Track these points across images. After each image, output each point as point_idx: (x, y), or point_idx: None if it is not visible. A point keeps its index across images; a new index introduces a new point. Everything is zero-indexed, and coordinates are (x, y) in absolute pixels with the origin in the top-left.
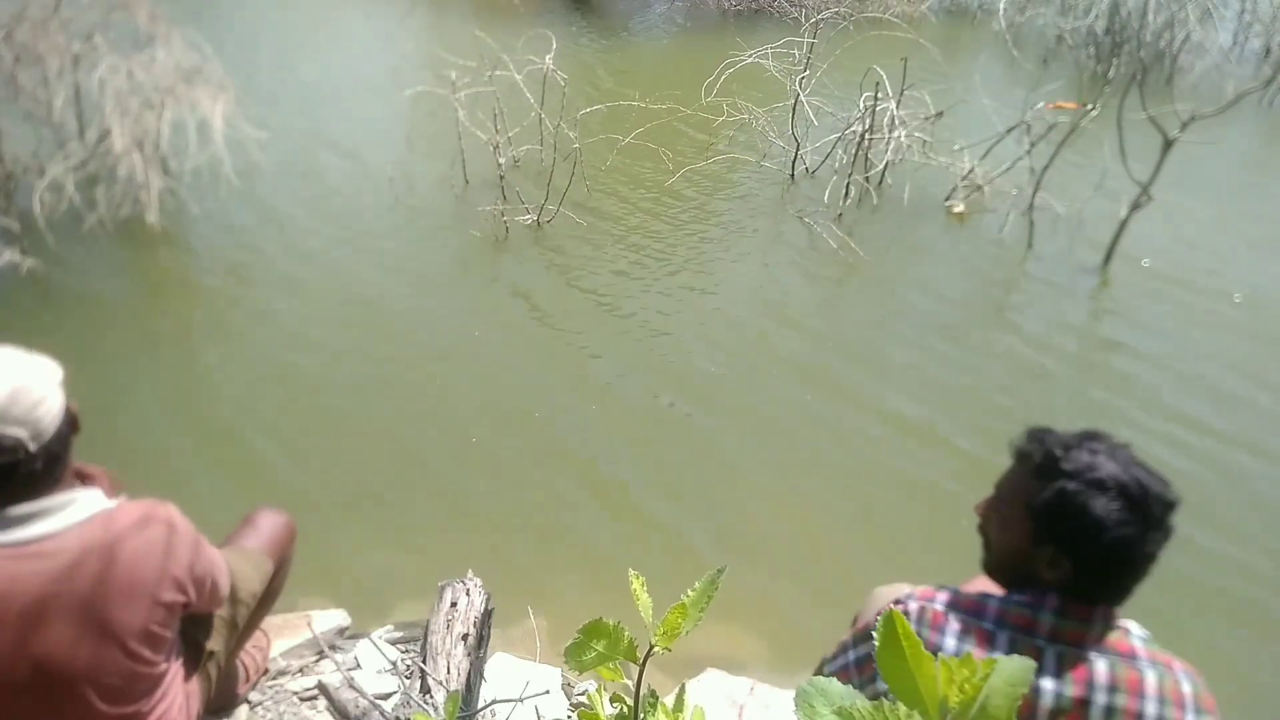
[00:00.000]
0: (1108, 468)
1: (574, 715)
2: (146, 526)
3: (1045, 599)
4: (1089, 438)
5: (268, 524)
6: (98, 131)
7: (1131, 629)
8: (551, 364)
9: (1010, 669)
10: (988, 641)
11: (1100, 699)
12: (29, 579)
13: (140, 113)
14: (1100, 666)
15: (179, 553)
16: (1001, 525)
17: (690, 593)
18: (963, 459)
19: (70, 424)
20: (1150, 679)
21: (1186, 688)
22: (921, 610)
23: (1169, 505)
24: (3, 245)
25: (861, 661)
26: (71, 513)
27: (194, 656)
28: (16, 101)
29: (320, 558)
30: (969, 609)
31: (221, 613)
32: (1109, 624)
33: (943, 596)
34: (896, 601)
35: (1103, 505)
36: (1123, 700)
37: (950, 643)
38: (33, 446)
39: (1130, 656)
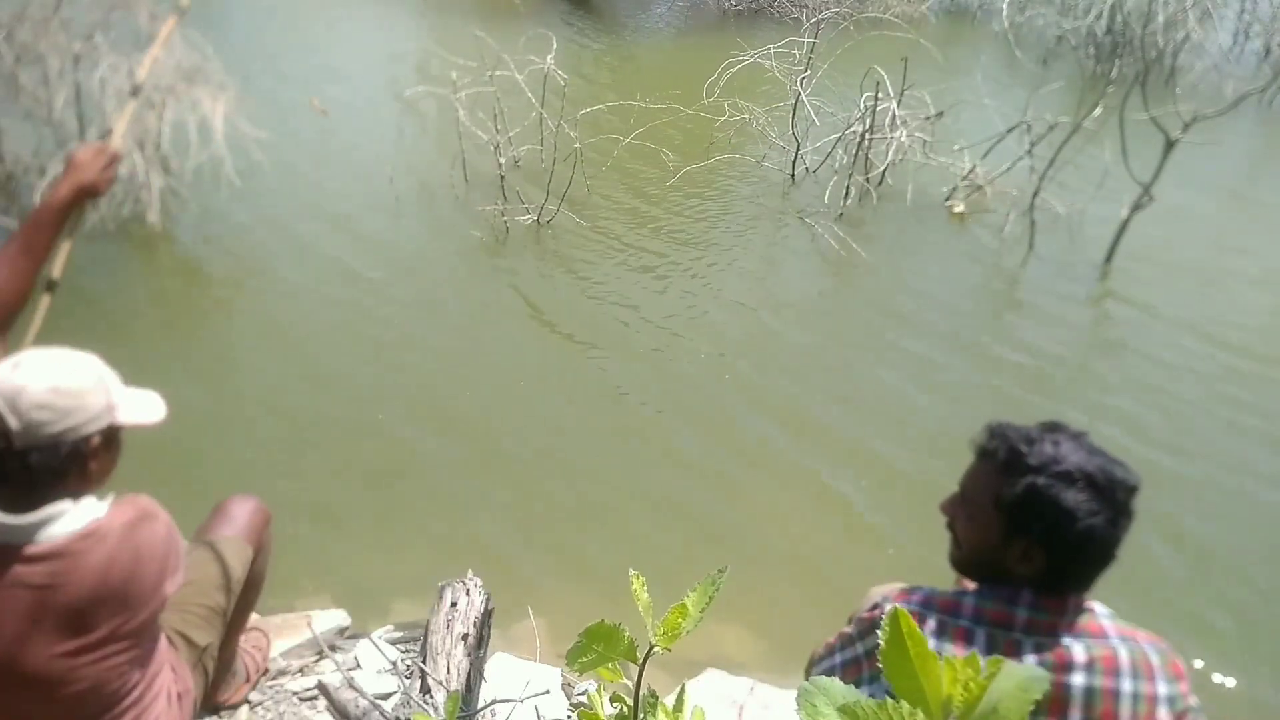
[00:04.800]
0: (1072, 459)
1: (574, 715)
2: (141, 526)
3: (1020, 594)
4: (1049, 429)
5: (241, 511)
6: (98, 131)
7: (1096, 608)
8: (551, 364)
9: (1024, 675)
10: (965, 639)
11: (1079, 680)
12: (16, 589)
13: (141, 112)
14: (1077, 650)
15: (176, 547)
16: (969, 522)
17: (691, 593)
18: (963, 458)
19: (86, 450)
20: (1123, 655)
21: (1154, 659)
22: None
23: (1131, 490)
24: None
25: (847, 665)
26: (64, 523)
27: (186, 652)
28: (17, 101)
29: (320, 558)
30: (945, 608)
31: (209, 603)
32: (1079, 609)
33: (918, 597)
34: (874, 606)
35: (1072, 497)
36: (1100, 680)
37: (929, 643)
38: (16, 441)
39: (1101, 636)
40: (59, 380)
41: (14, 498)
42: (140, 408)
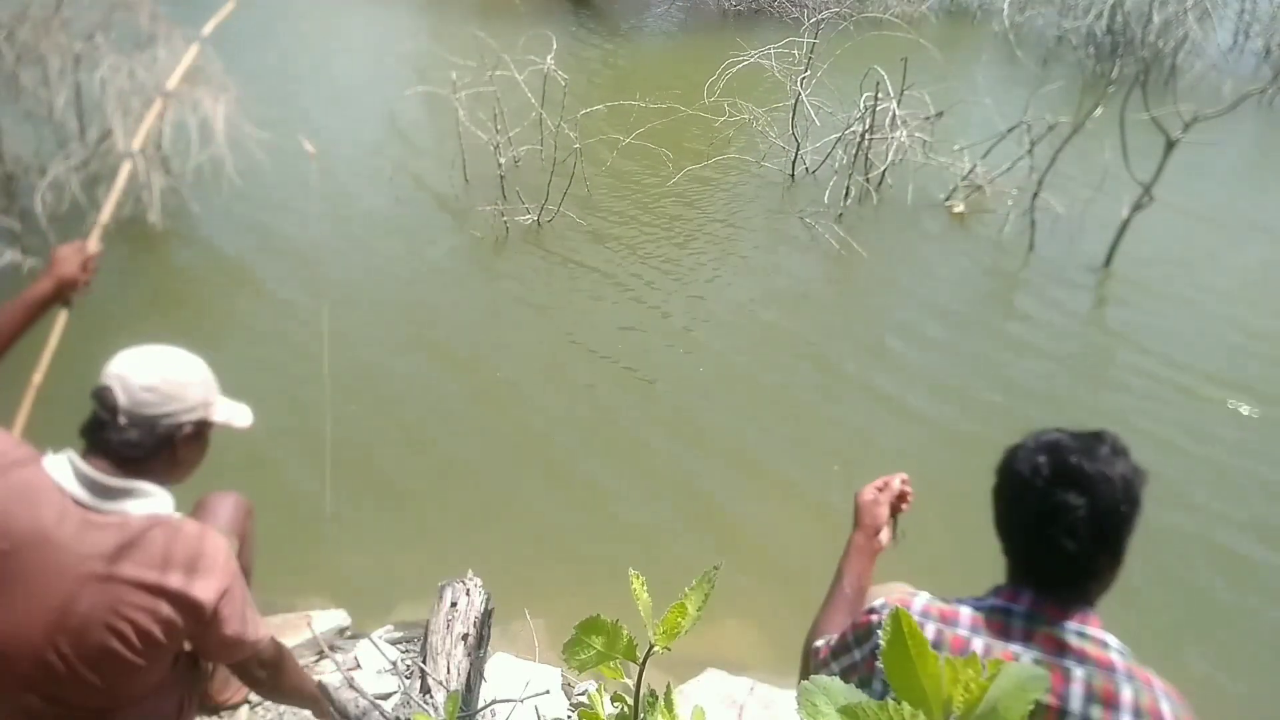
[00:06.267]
0: (1053, 435)
1: (574, 715)
2: (172, 540)
3: (1018, 598)
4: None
5: (223, 506)
6: (99, 131)
7: (1110, 642)
8: (551, 364)
9: (1024, 675)
10: (962, 648)
11: (1076, 708)
12: (91, 547)
13: (142, 112)
14: (1078, 675)
15: (181, 571)
16: None
17: (689, 591)
18: (964, 457)
19: (178, 436)
20: (1126, 692)
21: (1165, 706)
22: None
23: (1089, 476)
24: (4, 245)
25: (845, 672)
26: (144, 504)
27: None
28: (18, 101)
29: (320, 558)
30: (943, 616)
31: None
32: (1085, 633)
33: (918, 604)
34: (869, 610)
35: (1025, 451)
36: (1098, 712)
37: None
38: (121, 416)
39: (1108, 668)
40: (168, 372)
41: (108, 467)
42: (233, 413)
